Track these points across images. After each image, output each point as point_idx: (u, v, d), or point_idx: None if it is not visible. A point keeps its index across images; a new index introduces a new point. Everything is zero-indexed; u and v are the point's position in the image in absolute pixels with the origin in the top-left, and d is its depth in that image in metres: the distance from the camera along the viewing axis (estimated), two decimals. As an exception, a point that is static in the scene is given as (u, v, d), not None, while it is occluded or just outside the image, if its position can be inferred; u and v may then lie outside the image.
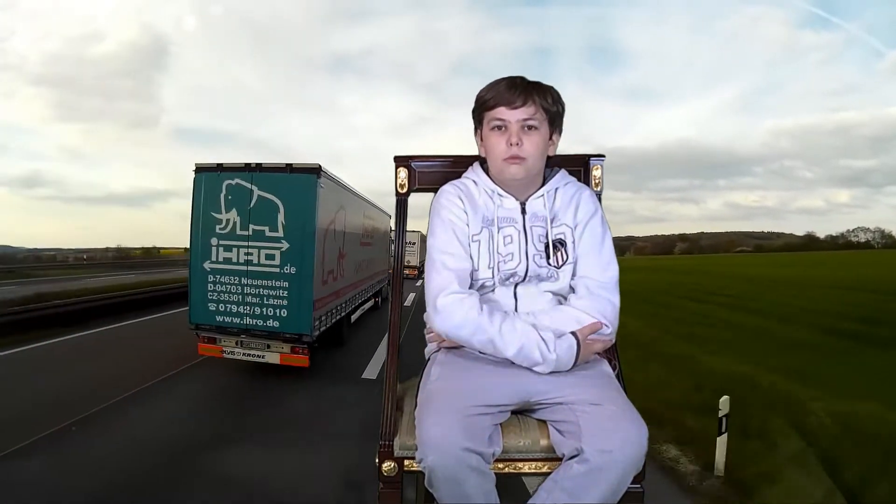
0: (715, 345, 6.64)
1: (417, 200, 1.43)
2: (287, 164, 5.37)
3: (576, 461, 1.01)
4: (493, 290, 1.21)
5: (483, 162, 1.29)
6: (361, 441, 3.43)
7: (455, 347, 1.19)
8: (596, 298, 1.15)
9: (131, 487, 2.96)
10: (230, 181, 5.26)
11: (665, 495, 2.99)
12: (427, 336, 1.30)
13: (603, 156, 1.39)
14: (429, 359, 1.27)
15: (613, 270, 1.19)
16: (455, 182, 1.28)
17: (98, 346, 7.36)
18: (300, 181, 5.28)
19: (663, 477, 3.22)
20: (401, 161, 1.42)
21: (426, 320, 1.26)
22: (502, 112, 1.14)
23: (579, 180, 1.34)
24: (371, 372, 5.91)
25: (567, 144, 1.28)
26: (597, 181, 1.38)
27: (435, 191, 1.32)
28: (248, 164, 5.37)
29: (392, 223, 1.40)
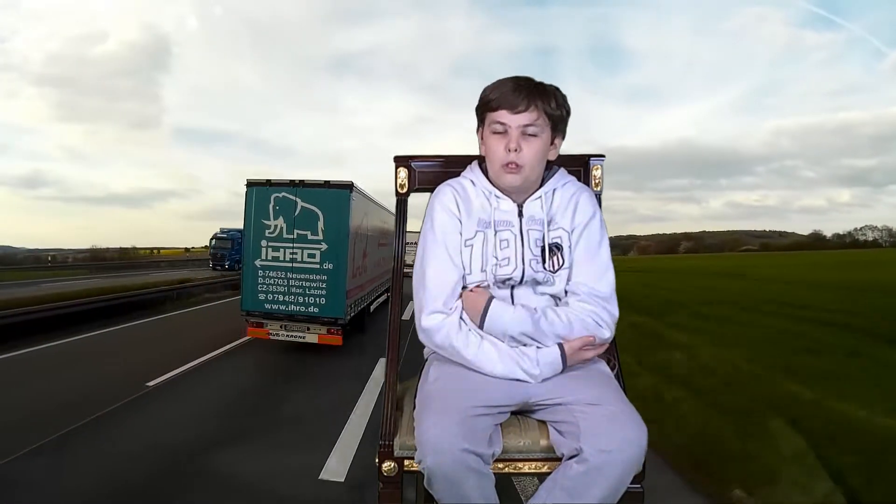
0: (837, 383, 4.34)
1: (418, 200, 1.29)
2: (325, 181, 6.07)
3: (575, 461, 0.93)
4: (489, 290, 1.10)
5: (482, 160, 1.17)
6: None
7: None
8: (594, 306, 1.04)
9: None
10: (278, 194, 6.08)
11: None
12: None
13: (603, 156, 1.25)
14: (427, 359, 1.17)
15: (610, 278, 1.08)
16: (451, 182, 1.17)
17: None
18: (336, 195, 6.03)
19: None
20: (401, 161, 1.29)
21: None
22: (504, 116, 1.05)
23: (579, 180, 1.21)
24: (338, 466, 3.04)
25: (569, 145, 1.13)
26: (597, 181, 1.25)
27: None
28: (292, 181, 6.13)
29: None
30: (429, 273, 1.08)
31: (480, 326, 1.06)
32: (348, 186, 6.09)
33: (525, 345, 1.05)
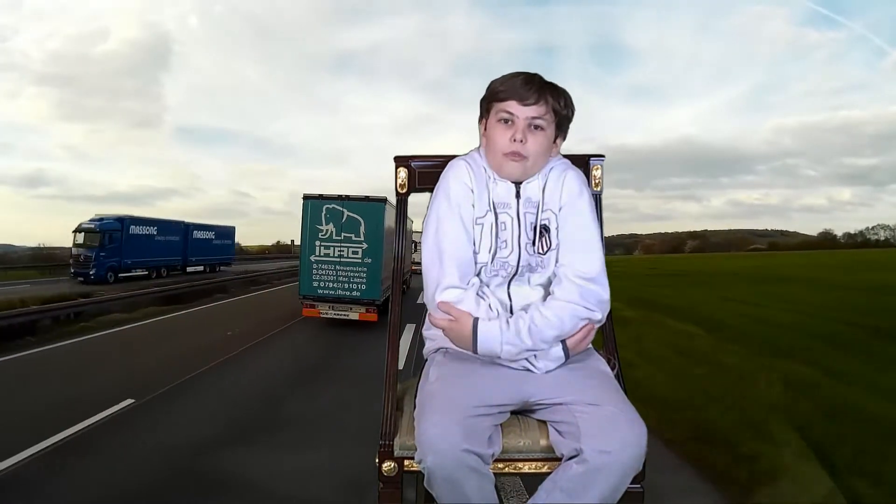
0: None
1: (418, 199, 1.19)
2: (365, 196, 7.28)
3: (575, 461, 0.86)
4: (486, 288, 1.00)
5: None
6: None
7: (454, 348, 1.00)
8: (579, 289, 0.93)
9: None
10: (328, 205, 7.58)
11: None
12: (425, 334, 1.11)
13: (603, 156, 1.12)
14: (427, 359, 1.07)
15: (597, 258, 0.94)
16: (465, 157, 1.06)
17: None
18: (374, 206, 7.33)
19: None
20: (401, 161, 1.16)
21: (427, 317, 1.07)
22: (513, 106, 0.97)
23: None
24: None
25: (569, 143, 1.00)
26: (597, 181, 1.12)
27: None
28: (340, 196, 7.35)
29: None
30: (444, 245, 0.97)
31: (474, 351, 0.95)
32: (383, 200, 7.20)
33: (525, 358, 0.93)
